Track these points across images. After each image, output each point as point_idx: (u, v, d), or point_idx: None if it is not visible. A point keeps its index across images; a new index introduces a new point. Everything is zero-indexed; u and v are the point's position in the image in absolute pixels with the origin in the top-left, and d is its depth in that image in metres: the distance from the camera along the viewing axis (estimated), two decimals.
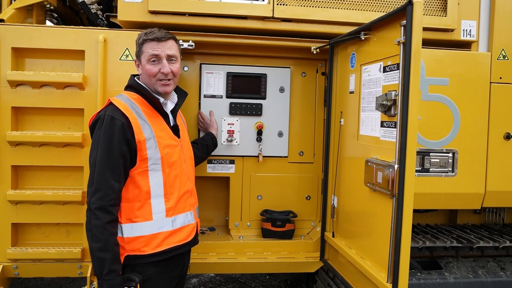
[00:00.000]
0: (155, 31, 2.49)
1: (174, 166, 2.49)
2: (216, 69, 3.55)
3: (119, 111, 2.33)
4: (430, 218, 4.03)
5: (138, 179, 2.37)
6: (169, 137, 2.52)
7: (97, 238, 2.22)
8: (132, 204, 2.37)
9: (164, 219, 2.44)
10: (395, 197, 2.38)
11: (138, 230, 2.37)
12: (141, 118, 2.39)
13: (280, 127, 3.65)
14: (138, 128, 2.34)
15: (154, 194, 2.41)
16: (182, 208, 2.54)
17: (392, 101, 2.47)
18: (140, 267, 2.39)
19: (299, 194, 3.74)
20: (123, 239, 2.35)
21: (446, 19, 3.36)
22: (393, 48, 2.48)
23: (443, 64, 3.30)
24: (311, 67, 3.70)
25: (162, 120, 2.53)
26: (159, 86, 2.50)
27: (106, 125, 2.30)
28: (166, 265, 2.49)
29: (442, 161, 3.32)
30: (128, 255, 2.36)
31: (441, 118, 3.30)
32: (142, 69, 2.51)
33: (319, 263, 3.50)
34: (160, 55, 2.46)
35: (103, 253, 2.22)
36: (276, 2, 3.21)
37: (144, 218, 2.39)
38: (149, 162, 2.38)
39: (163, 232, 2.44)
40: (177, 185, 2.51)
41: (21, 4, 3.41)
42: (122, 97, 2.44)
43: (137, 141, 2.33)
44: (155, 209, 2.41)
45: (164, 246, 2.43)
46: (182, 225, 2.54)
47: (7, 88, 3.04)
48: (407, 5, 2.27)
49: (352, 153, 3.06)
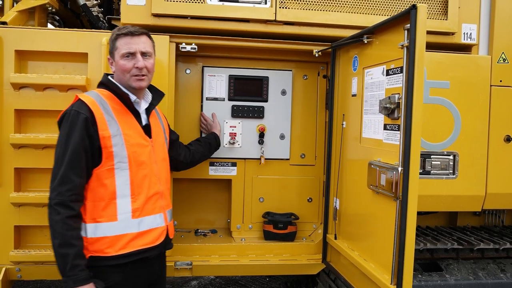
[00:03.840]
0: (129, 27, 2.45)
1: (143, 166, 2.43)
2: (218, 72, 3.56)
3: (85, 106, 2.29)
4: (430, 220, 4.05)
5: (104, 178, 2.31)
6: (139, 136, 2.45)
7: (58, 234, 2.17)
8: (96, 203, 2.31)
9: (130, 220, 2.36)
10: (399, 199, 2.39)
11: (102, 231, 2.30)
12: (108, 114, 2.33)
13: (282, 130, 3.67)
14: (103, 123, 2.29)
15: (120, 194, 2.34)
16: (151, 210, 2.45)
17: (396, 104, 2.49)
18: (103, 272, 2.30)
19: (300, 197, 3.75)
20: (86, 239, 2.29)
21: (447, 23, 3.39)
22: (396, 52, 2.49)
23: (443, 67, 3.32)
24: (313, 70, 3.72)
25: (133, 118, 2.46)
26: (133, 82, 2.44)
27: (71, 120, 2.27)
28: (132, 271, 2.40)
29: (443, 164, 3.34)
30: (91, 256, 2.29)
31: (442, 121, 3.32)
32: (116, 65, 2.45)
33: (321, 265, 3.51)
34: (134, 50, 2.41)
35: (64, 248, 2.16)
36: (279, 6, 3.23)
37: (108, 218, 2.31)
38: (115, 159, 2.32)
39: (128, 234, 2.35)
40: (145, 185, 2.43)
41: (24, 6, 3.40)
42: (91, 93, 2.41)
43: (100, 137, 2.28)
44: (120, 209, 2.34)
45: (129, 248, 2.35)
46: (150, 228, 2.44)
47: (10, 90, 3.04)
48: (411, 9, 2.29)
49: (355, 156, 3.08)
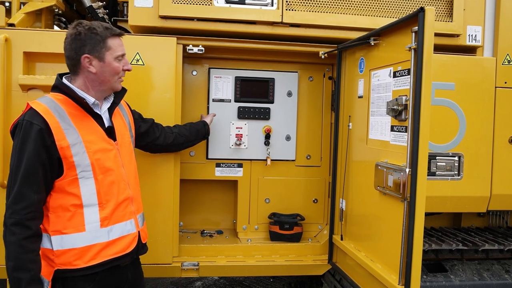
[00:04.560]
0: (111, 26, 2.31)
1: (110, 172, 2.27)
2: (224, 74, 3.58)
3: (38, 116, 2.10)
4: (434, 221, 4.07)
5: (69, 189, 2.16)
6: (102, 140, 2.28)
7: (12, 257, 2.03)
8: (61, 214, 2.17)
9: (99, 230, 2.22)
10: (407, 200, 2.41)
11: (69, 242, 2.16)
12: (65, 122, 2.15)
13: (288, 131, 3.69)
14: (59, 133, 2.11)
15: (86, 203, 2.19)
16: (121, 217, 2.32)
17: (403, 106, 2.51)
18: (72, 281, 2.20)
19: (306, 198, 3.78)
20: (53, 252, 2.16)
21: (452, 25, 3.40)
22: (404, 54, 2.51)
23: (449, 69, 3.34)
24: (318, 72, 3.74)
25: (93, 122, 2.28)
26: (118, 84, 2.35)
27: (23, 132, 2.09)
28: (103, 280, 2.27)
29: (448, 165, 3.36)
30: (58, 269, 2.16)
31: (447, 122, 3.34)
32: (106, 66, 2.27)
33: (327, 265, 3.53)
34: (124, 52, 2.35)
35: (18, 272, 2.02)
36: (285, 8, 3.25)
37: (75, 229, 2.17)
38: (77, 169, 2.16)
39: (98, 244, 2.22)
40: (114, 192, 2.29)
41: (31, 8, 3.43)
42: (44, 99, 2.20)
43: (58, 148, 2.10)
44: (88, 219, 2.20)
45: (100, 259, 2.22)
46: (120, 236, 2.31)
47: (19, 92, 3.05)
48: (419, 11, 2.30)
49: (361, 157, 3.10)
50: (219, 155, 3.61)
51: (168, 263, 3.30)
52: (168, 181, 3.24)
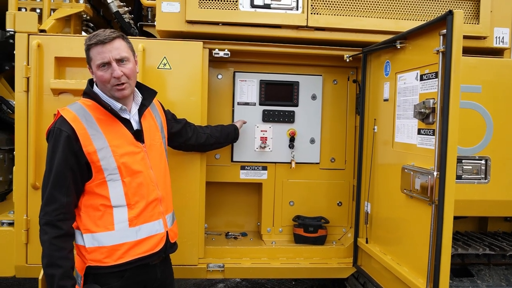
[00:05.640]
0: (99, 33, 2.25)
1: (138, 174, 2.33)
2: (249, 77, 3.62)
3: (66, 123, 2.19)
4: (460, 225, 4.01)
5: (98, 191, 2.25)
6: (129, 144, 2.33)
7: (46, 254, 2.16)
8: (92, 213, 2.26)
9: (127, 229, 2.29)
10: (435, 204, 2.40)
11: (99, 241, 2.26)
12: (93, 128, 2.23)
13: (312, 134, 3.70)
14: (86, 139, 2.20)
15: (115, 204, 2.27)
16: (149, 217, 2.38)
17: (431, 109, 2.50)
18: (102, 277, 2.28)
19: (330, 200, 3.78)
20: (85, 249, 2.26)
21: (479, 27, 3.38)
22: (431, 57, 2.50)
23: (475, 71, 3.30)
24: (343, 75, 3.75)
25: (121, 126, 2.33)
26: (115, 92, 2.29)
27: (54, 138, 2.21)
28: (132, 277, 2.34)
29: (474, 168, 3.31)
30: (89, 265, 2.26)
31: (473, 125, 3.29)
32: (95, 75, 2.30)
33: (352, 269, 3.52)
34: (108, 59, 2.22)
35: (51, 269, 2.14)
36: (310, 12, 3.27)
37: (105, 228, 2.26)
38: (105, 173, 2.24)
39: (126, 243, 2.29)
40: (142, 193, 2.34)
41: (61, 14, 3.52)
42: (74, 106, 2.29)
43: (86, 153, 2.19)
44: (117, 218, 2.28)
45: (128, 257, 2.29)
46: (148, 235, 2.37)
47: (50, 96, 3.13)
48: (447, 14, 2.30)
49: (387, 160, 3.09)
50: (244, 158, 3.65)
51: (194, 264, 3.34)
52: (194, 184, 3.29)
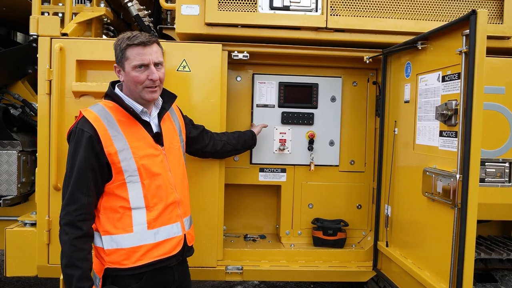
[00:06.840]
0: (139, 35, 2.30)
1: (156, 176, 2.35)
2: (268, 79, 3.62)
3: (88, 124, 2.22)
4: (482, 229, 3.93)
5: (117, 192, 2.27)
6: (149, 146, 2.35)
7: (65, 254, 2.17)
8: (111, 215, 2.28)
9: (146, 232, 2.30)
10: (457, 207, 2.36)
11: (118, 243, 2.27)
12: (114, 129, 2.26)
13: (332, 136, 3.68)
14: (108, 140, 2.22)
15: (134, 206, 2.29)
16: (167, 219, 2.38)
17: (453, 111, 2.46)
18: (121, 279, 2.29)
19: (350, 203, 3.75)
20: (104, 251, 2.27)
21: (503, 27, 3.31)
22: (453, 58, 2.46)
23: (499, 72, 3.24)
24: (362, 77, 3.72)
25: (141, 128, 2.36)
26: (146, 93, 2.32)
27: (76, 139, 2.23)
28: (150, 279, 2.35)
29: (498, 171, 3.25)
30: (108, 267, 2.27)
31: (497, 127, 3.23)
32: (127, 76, 2.32)
33: (371, 272, 3.48)
34: (147, 61, 2.28)
35: (70, 269, 2.15)
36: (330, 13, 3.25)
37: (124, 230, 2.27)
38: (125, 174, 2.26)
39: (145, 245, 2.30)
40: (161, 195, 2.36)
41: (82, 18, 3.57)
42: (96, 107, 2.32)
43: (107, 154, 2.21)
44: (135, 221, 2.29)
45: (146, 259, 2.30)
46: (166, 238, 2.37)
47: (72, 98, 3.18)
48: (470, 14, 2.26)
49: (407, 163, 3.05)
50: (263, 160, 3.64)
51: (212, 266, 3.34)
52: (213, 186, 3.29)
